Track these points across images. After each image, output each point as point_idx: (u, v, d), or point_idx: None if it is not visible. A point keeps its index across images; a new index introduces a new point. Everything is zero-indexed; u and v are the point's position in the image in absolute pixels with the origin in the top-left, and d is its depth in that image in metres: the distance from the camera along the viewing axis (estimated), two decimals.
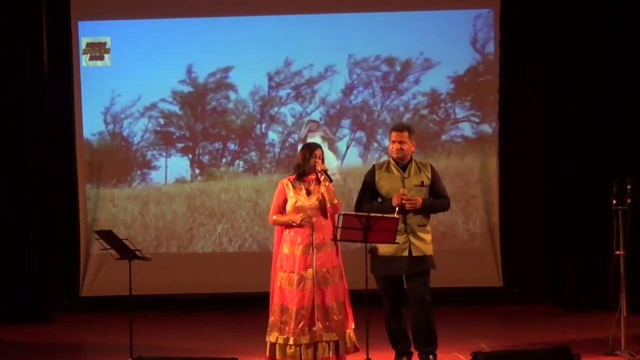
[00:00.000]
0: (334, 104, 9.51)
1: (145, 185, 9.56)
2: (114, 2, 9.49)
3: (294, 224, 6.30)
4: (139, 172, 9.56)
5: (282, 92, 9.50)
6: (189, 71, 9.49)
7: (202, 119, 9.56)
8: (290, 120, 9.52)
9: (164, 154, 9.58)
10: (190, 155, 9.58)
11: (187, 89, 9.52)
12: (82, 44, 9.42)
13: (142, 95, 9.48)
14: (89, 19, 9.43)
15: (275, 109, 9.52)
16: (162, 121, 9.55)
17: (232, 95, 9.53)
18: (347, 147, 9.51)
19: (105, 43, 9.43)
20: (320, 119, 9.50)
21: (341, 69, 9.46)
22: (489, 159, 9.42)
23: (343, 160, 9.47)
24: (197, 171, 9.58)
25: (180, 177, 9.57)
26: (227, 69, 9.49)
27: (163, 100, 9.51)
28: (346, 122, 9.52)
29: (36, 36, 9.13)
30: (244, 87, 9.52)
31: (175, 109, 9.54)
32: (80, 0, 9.43)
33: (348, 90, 9.49)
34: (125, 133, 9.53)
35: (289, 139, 9.52)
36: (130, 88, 9.46)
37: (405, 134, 6.42)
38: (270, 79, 9.50)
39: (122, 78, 9.44)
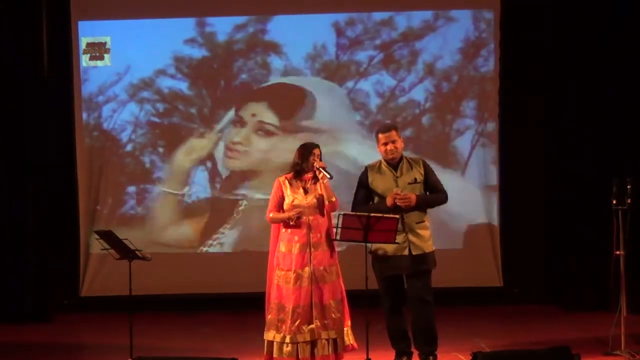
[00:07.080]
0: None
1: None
2: (114, 2, 9.49)
3: (291, 222, 6.29)
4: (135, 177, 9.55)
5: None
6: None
7: None
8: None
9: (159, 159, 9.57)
10: None
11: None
12: (82, 44, 9.41)
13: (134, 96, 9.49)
14: (89, 19, 9.42)
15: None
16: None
17: None
18: None
19: (105, 43, 9.42)
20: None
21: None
22: (488, 159, 9.42)
23: None
24: None
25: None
26: None
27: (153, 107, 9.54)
28: None
29: (36, 36, 9.12)
30: None
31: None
32: (80, 0, 9.43)
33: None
34: (119, 134, 9.51)
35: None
36: (127, 89, 9.47)
37: (393, 132, 6.41)
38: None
39: (121, 78, 9.45)
